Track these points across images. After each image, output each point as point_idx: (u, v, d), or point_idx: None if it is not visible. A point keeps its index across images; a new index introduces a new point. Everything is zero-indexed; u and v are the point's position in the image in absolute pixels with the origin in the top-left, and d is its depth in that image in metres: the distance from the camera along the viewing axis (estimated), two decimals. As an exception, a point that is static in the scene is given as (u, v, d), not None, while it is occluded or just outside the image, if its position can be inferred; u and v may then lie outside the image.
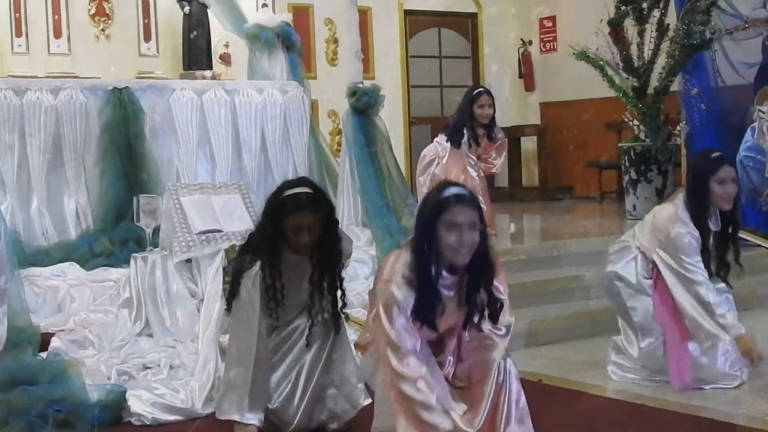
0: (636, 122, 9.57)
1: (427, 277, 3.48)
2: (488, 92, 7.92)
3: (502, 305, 3.64)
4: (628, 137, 10.06)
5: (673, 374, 5.03)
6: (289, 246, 4.24)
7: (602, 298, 5.82)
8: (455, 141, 7.72)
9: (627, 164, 9.57)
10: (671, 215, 5.01)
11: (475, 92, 7.86)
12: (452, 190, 3.52)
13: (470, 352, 3.71)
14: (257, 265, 4.22)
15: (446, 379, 3.67)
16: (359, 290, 6.08)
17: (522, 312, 6.34)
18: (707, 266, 4.99)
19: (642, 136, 9.51)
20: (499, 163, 8.12)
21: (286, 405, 4.31)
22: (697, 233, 4.91)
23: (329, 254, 4.26)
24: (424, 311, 3.48)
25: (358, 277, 6.56)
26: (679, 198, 5.07)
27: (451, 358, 3.76)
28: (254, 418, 4.22)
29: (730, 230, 5.10)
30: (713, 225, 5.02)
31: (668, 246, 4.95)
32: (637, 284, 5.15)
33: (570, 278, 7.02)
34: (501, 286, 3.69)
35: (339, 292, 4.33)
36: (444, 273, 3.54)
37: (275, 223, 4.19)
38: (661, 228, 5.01)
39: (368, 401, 4.31)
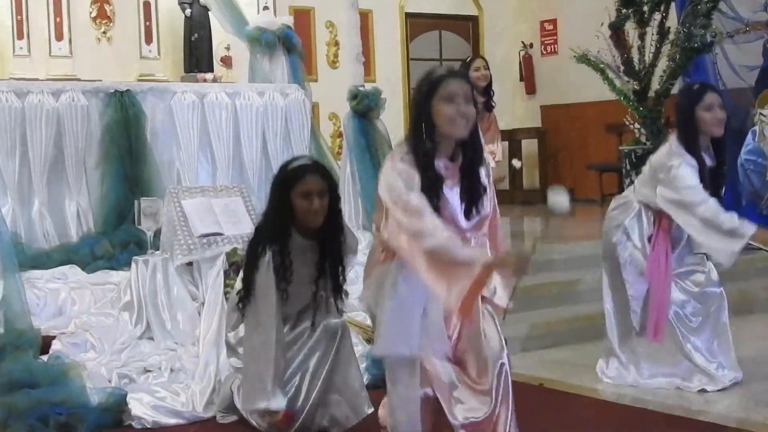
0: (637, 125, 9.58)
1: (426, 153, 3.49)
2: (481, 56, 7.97)
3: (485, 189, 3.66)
4: (628, 140, 10.07)
5: (650, 329, 5.04)
6: (298, 229, 4.27)
7: (602, 301, 5.81)
8: None
9: (628, 167, 9.58)
10: (666, 152, 5.02)
11: (468, 59, 7.94)
12: (444, 69, 3.64)
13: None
14: (269, 253, 4.25)
15: None
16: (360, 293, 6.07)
17: (522, 315, 6.35)
18: None
19: (643, 139, 9.52)
20: (498, 151, 8.10)
21: (289, 408, 4.32)
22: (693, 161, 4.89)
23: (334, 234, 4.31)
24: (428, 187, 3.46)
25: (358, 281, 6.55)
26: (671, 137, 5.09)
27: None
28: (282, 402, 4.28)
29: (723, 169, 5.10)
30: (708, 159, 5.00)
31: (668, 181, 4.91)
32: (641, 246, 5.14)
33: (570, 281, 7.02)
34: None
35: (341, 278, 4.40)
36: (442, 163, 3.54)
37: (285, 197, 4.22)
38: (659, 167, 5.00)
39: (371, 410, 4.31)
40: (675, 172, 4.88)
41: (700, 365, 5.09)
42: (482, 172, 3.62)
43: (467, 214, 3.58)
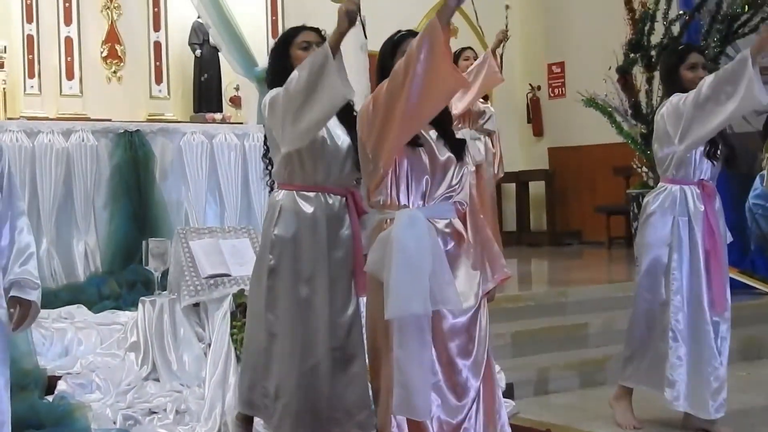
0: (645, 169, 9.58)
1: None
2: (470, 48, 8.20)
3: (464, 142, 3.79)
4: (636, 183, 10.07)
5: (717, 300, 4.99)
6: None
7: (610, 345, 5.80)
8: None
9: (636, 210, 9.56)
10: (659, 112, 5.04)
11: (458, 50, 8.07)
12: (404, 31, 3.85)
13: None
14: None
15: None
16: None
17: (530, 359, 6.33)
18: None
19: (651, 182, 9.51)
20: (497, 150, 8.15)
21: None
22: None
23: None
24: None
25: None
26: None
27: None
28: None
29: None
30: None
31: (670, 115, 4.90)
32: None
33: (578, 325, 6.99)
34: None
35: None
36: None
37: (284, 53, 4.24)
38: (662, 126, 4.99)
39: None
40: (669, 106, 4.90)
41: None
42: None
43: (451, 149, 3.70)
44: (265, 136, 4.35)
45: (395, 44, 3.76)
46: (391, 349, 3.55)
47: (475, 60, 7.92)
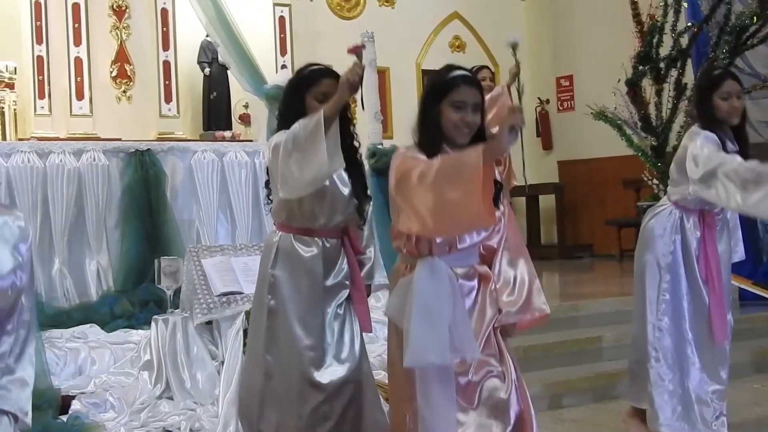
0: (655, 181, 9.57)
1: (432, 151, 3.49)
2: (487, 67, 7.93)
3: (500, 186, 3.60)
4: (646, 195, 10.05)
5: (716, 332, 4.89)
6: None
7: (623, 359, 5.76)
8: None
9: (646, 223, 9.55)
10: (688, 136, 4.88)
11: (474, 68, 7.81)
12: (459, 71, 3.59)
13: None
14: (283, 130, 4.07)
15: None
16: (379, 352, 6.04)
17: (542, 373, 6.31)
18: None
19: (661, 195, 9.49)
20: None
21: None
22: (713, 135, 4.73)
23: (353, 153, 4.17)
24: None
25: (378, 339, 6.53)
26: (690, 129, 4.96)
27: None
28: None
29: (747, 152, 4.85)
30: (730, 145, 4.81)
31: (692, 159, 4.71)
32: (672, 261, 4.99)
33: (591, 339, 6.98)
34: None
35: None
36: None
37: (299, 99, 4.10)
38: (684, 154, 4.82)
39: None
40: (695, 149, 4.70)
41: None
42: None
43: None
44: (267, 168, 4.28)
45: (445, 88, 3.55)
46: (412, 397, 3.51)
47: (491, 80, 7.76)
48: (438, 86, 3.58)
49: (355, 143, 4.20)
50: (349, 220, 4.19)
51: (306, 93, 4.07)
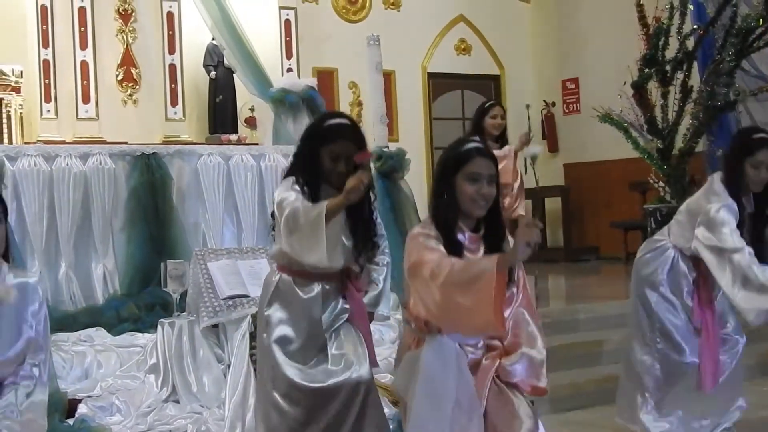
0: (661, 183, 9.57)
1: (447, 225, 3.51)
2: (500, 104, 7.89)
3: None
4: (652, 198, 10.05)
5: (706, 377, 4.88)
6: (325, 179, 4.05)
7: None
8: None
9: (653, 226, 9.54)
10: (705, 191, 4.85)
11: (488, 104, 7.79)
12: (473, 144, 3.59)
13: None
14: (292, 179, 4.04)
15: None
16: (385, 355, 6.04)
17: (549, 376, 6.29)
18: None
19: (668, 197, 9.50)
20: (521, 208, 8.02)
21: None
22: (734, 205, 4.69)
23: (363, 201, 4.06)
24: (451, 254, 3.45)
25: (384, 342, 6.54)
26: (713, 176, 4.90)
27: None
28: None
29: (765, 211, 4.85)
30: (748, 205, 4.80)
31: (706, 223, 4.71)
32: (674, 295, 5.00)
33: (596, 342, 6.97)
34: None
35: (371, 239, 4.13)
36: (465, 234, 3.55)
37: (314, 151, 4.04)
38: (698, 208, 4.81)
39: None
40: (715, 216, 4.67)
41: None
42: (506, 246, 3.60)
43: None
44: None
45: (459, 161, 3.55)
46: None
47: (503, 118, 7.72)
48: (452, 159, 3.57)
49: (377, 227, 4.17)
50: (349, 263, 4.12)
51: (321, 147, 4.02)
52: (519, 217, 3.25)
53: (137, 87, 11.15)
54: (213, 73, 11.31)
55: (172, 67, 11.23)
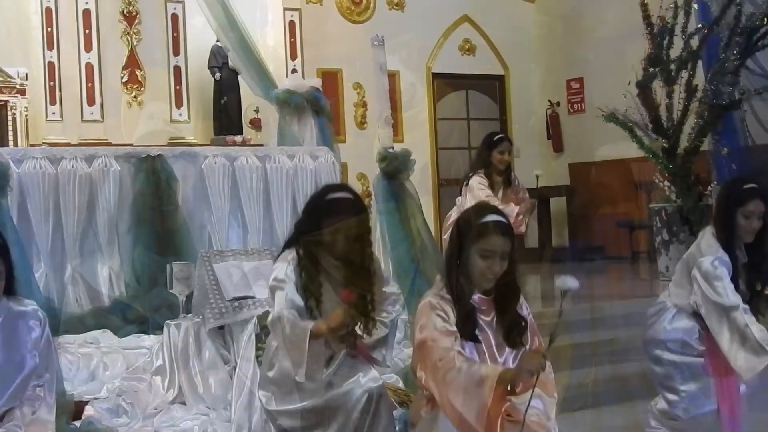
0: (666, 183, 9.55)
1: (460, 288, 3.59)
2: (509, 139, 7.87)
3: (526, 323, 3.77)
4: (658, 197, 10.04)
5: (726, 427, 4.84)
6: (325, 248, 4.17)
7: (637, 362, 5.76)
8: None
9: (659, 225, 9.54)
10: (698, 245, 4.88)
11: (496, 138, 7.73)
12: (492, 217, 3.63)
13: None
14: (293, 251, 4.16)
15: None
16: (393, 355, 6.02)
17: (555, 377, 6.27)
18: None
19: (673, 196, 9.49)
20: (524, 223, 7.98)
21: None
22: (726, 256, 4.70)
23: (362, 259, 4.20)
24: (463, 318, 3.55)
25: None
26: (704, 230, 4.93)
27: None
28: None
29: (758, 260, 4.85)
30: (741, 255, 4.81)
31: (702, 278, 4.72)
32: (680, 346, 4.97)
33: (603, 342, 6.96)
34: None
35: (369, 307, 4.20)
36: (477, 297, 3.62)
37: (315, 223, 4.14)
38: (693, 263, 4.82)
39: None
40: (708, 269, 4.69)
41: None
42: (520, 308, 3.73)
43: (511, 344, 3.71)
44: None
45: (476, 234, 3.63)
46: None
47: (510, 153, 7.74)
48: (470, 231, 3.63)
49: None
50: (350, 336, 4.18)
51: (321, 221, 4.12)
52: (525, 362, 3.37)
53: (142, 89, 11.16)
54: (218, 74, 11.31)
55: (177, 68, 11.24)
